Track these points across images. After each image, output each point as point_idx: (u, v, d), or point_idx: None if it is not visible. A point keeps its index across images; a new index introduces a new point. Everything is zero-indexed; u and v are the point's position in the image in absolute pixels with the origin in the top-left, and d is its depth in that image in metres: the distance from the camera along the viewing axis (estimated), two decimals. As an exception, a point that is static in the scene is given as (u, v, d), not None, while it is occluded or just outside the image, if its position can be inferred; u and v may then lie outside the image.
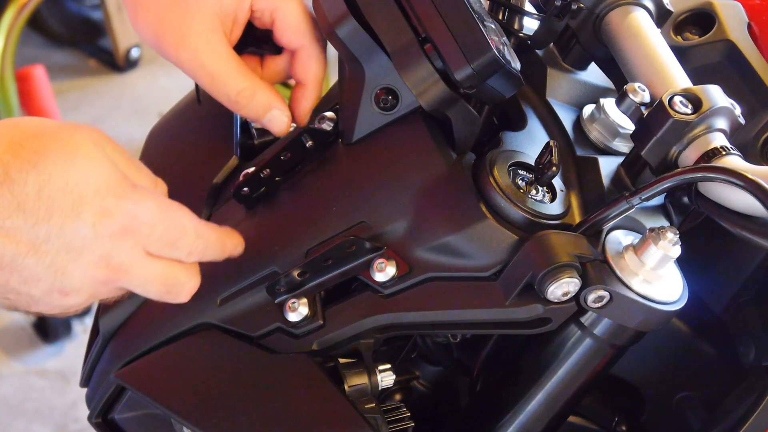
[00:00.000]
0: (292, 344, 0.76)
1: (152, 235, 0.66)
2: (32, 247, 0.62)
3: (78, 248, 0.63)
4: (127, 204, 0.65)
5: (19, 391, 2.40)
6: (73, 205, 0.62)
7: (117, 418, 0.85)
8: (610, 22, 0.83)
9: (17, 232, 0.61)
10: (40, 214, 0.61)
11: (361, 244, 0.74)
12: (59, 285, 0.65)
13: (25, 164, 0.61)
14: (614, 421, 0.94)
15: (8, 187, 0.60)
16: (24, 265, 0.62)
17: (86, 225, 0.63)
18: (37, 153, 0.61)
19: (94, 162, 0.63)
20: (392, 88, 0.76)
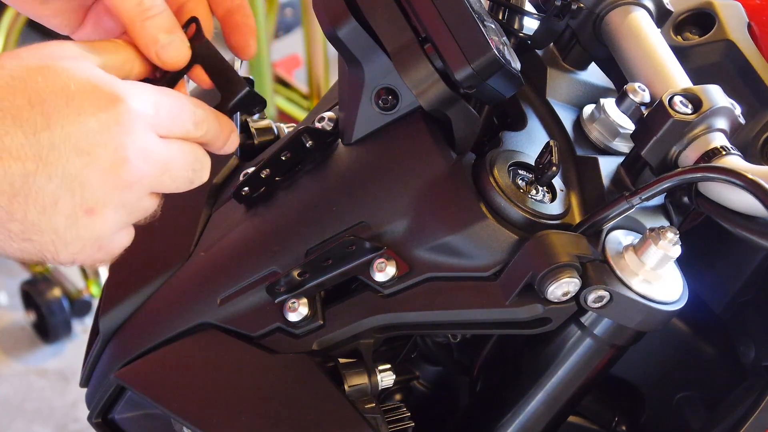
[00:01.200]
0: (292, 344, 0.76)
1: (157, 113, 0.64)
2: (39, 161, 0.58)
3: (87, 147, 0.60)
4: (123, 88, 0.62)
5: (19, 391, 2.40)
6: (68, 104, 0.59)
7: (117, 418, 0.85)
8: (610, 22, 0.83)
9: (20, 148, 0.58)
10: (37, 121, 0.58)
11: (361, 244, 0.74)
12: (80, 200, 0.61)
13: (10, 81, 0.59)
14: (614, 421, 0.94)
15: (5, 93, 0.58)
16: (37, 186, 0.59)
17: (89, 119, 0.60)
18: (20, 69, 0.59)
19: (76, 63, 0.61)
20: (392, 88, 0.76)
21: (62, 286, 2.48)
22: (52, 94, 0.59)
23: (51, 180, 0.59)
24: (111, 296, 0.84)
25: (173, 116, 0.65)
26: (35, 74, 0.60)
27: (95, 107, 0.60)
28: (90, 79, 0.61)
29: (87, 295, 2.50)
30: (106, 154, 0.61)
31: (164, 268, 0.82)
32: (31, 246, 0.62)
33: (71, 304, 2.48)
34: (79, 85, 0.60)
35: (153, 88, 0.65)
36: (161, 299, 0.81)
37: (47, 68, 0.60)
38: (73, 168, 0.60)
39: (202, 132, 0.68)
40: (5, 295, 2.66)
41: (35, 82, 0.59)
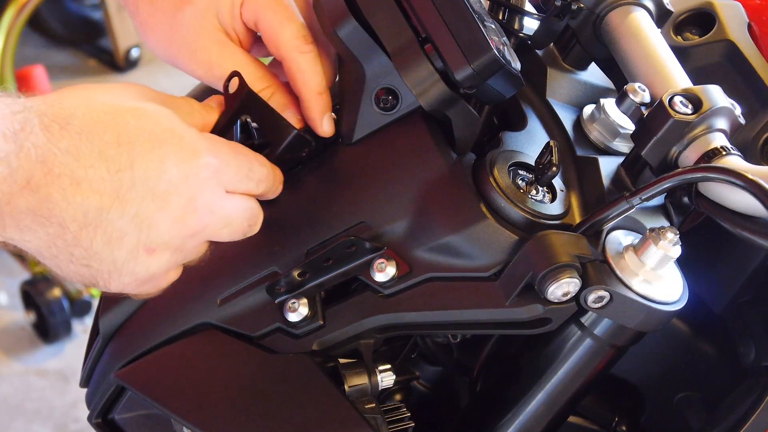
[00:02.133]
0: (292, 344, 0.76)
1: (230, 170, 0.67)
2: (116, 198, 0.61)
3: (164, 193, 0.63)
4: (204, 142, 0.66)
5: (19, 391, 2.40)
6: (153, 147, 0.62)
7: (117, 418, 0.85)
8: (610, 22, 0.83)
9: (101, 183, 0.60)
10: (122, 160, 0.61)
11: (361, 245, 0.74)
12: (145, 240, 0.64)
13: (101, 116, 0.61)
14: (614, 421, 0.94)
15: (87, 136, 0.60)
16: (108, 220, 0.61)
17: (171, 167, 0.63)
18: (110, 106, 0.63)
19: (163, 112, 0.65)
20: (392, 88, 0.76)
21: (62, 286, 2.48)
22: (140, 137, 0.62)
23: (123, 217, 0.62)
24: (111, 296, 0.84)
25: (242, 175, 0.69)
26: (127, 114, 0.63)
27: (178, 158, 0.64)
28: (175, 129, 0.65)
29: (87, 295, 2.50)
30: (179, 202, 0.64)
31: (164, 268, 0.82)
32: (87, 271, 0.64)
33: (71, 304, 2.48)
34: (167, 133, 0.64)
35: (228, 145, 0.69)
36: (161, 299, 0.81)
37: (138, 110, 0.64)
38: (146, 210, 0.63)
39: (262, 190, 0.72)
40: (5, 295, 2.66)
41: (126, 122, 0.62)
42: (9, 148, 0.57)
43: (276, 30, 0.77)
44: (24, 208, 0.59)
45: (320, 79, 0.78)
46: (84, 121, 0.61)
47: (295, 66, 0.77)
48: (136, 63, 3.63)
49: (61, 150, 0.59)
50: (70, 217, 0.60)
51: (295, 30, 0.77)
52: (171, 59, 0.81)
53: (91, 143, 0.60)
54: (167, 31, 0.79)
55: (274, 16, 0.77)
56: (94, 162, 0.60)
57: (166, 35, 0.79)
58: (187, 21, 0.78)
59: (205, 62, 0.79)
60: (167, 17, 0.79)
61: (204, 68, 0.79)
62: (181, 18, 0.78)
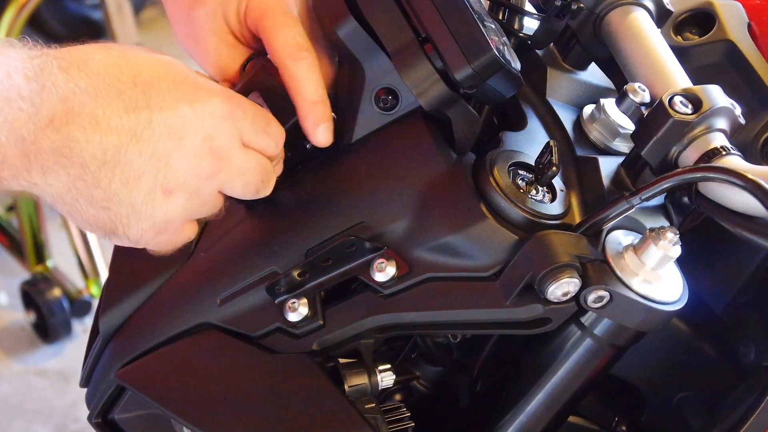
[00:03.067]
0: (292, 344, 0.76)
1: (247, 119, 0.68)
2: (134, 136, 0.63)
3: (180, 131, 0.64)
4: (222, 89, 0.68)
5: (19, 391, 2.40)
6: (168, 89, 0.64)
7: (117, 418, 0.85)
8: (610, 22, 0.83)
9: (118, 121, 0.62)
10: (139, 99, 0.63)
11: (361, 245, 0.74)
12: (162, 179, 0.65)
13: (117, 59, 0.63)
14: (614, 421, 0.94)
15: (105, 77, 0.62)
16: (127, 159, 0.63)
17: (186, 106, 0.64)
18: (126, 52, 0.65)
19: (179, 63, 0.67)
20: (392, 88, 0.76)
21: (62, 286, 2.48)
22: (156, 78, 0.65)
23: (140, 155, 0.64)
24: (111, 296, 0.84)
25: (259, 128, 0.70)
26: (143, 61, 0.65)
27: (193, 98, 0.66)
28: (191, 75, 0.67)
29: (87, 295, 2.50)
30: (195, 141, 0.66)
31: (164, 268, 0.82)
32: (106, 215, 0.66)
33: (71, 304, 2.48)
34: (183, 77, 0.66)
35: (247, 100, 0.70)
36: (161, 299, 0.81)
37: (154, 59, 0.67)
38: (163, 148, 0.64)
39: (276, 151, 0.73)
40: (5, 295, 2.66)
41: (141, 66, 0.65)
42: (32, 87, 0.60)
43: (271, 36, 0.76)
44: (47, 148, 0.61)
45: (314, 87, 0.75)
46: (101, 64, 0.63)
47: (288, 73, 0.75)
48: (136, 63, 3.63)
49: (80, 89, 0.61)
50: (90, 156, 0.62)
51: (289, 37, 0.76)
52: (189, 53, 0.83)
53: (109, 83, 0.62)
54: (185, 26, 0.81)
55: (271, 22, 0.76)
56: (111, 101, 0.62)
57: (183, 31, 0.81)
58: (200, 20, 0.79)
59: (216, 62, 0.80)
60: (184, 13, 0.80)
61: (215, 68, 0.80)
62: (194, 17, 0.79)
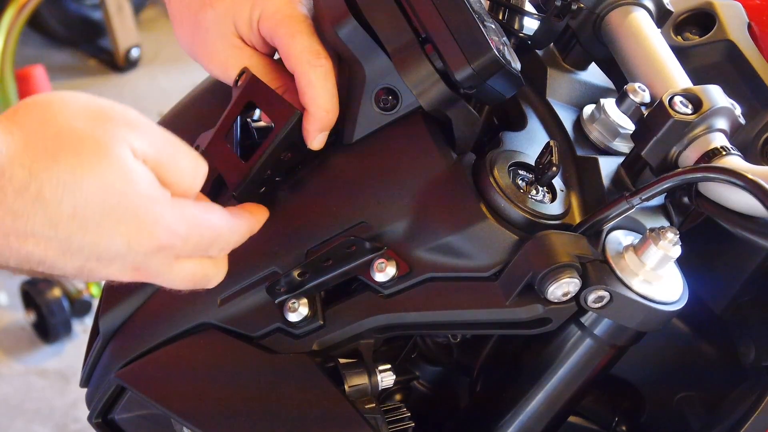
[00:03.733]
0: (292, 344, 0.76)
1: (186, 246, 0.66)
2: (62, 253, 0.61)
3: (109, 259, 0.63)
4: (163, 222, 0.63)
5: (19, 391, 2.40)
6: (108, 223, 0.61)
7: (117, 418, 0.85)
8: (610, 22, 0.83)
9: (47, 243, 0.60)
10: (73, 229, 0.60)
11: (361, 245, 0.74)
12: (87, 276, 0.64)
13: (60, 183, 0.59)
14: (614, 421, 0.94)
15: (42, 206, 0.58)
16: (53, 265, 0.62)
17: (121, 242, 0.62)
18: (74, 168, 0.59)
19: (128, 175, 0.61)
20: (392, 88, 0.76)
21: (62, 286, 2.48)
22: (98, 209, 0.60)
23: (66, 265, 0.62)
24: (111, 296, 0.84)
25: (201, 248, 0.68)
26: (90, 182, 0.59)
27: (131, 236, 0.62)
28: (139, 206, 0.62)
29: (87, 295, 2.50)
30: (123, 265, 0.64)
31: (164, 268, 0.82)
32: (34, 273, 0.65)
33: (71, 304, 2.48)
34: (127, 210, 0.61)
35: (194, 217, 0.66)
36: (161, 299, 0.81)
37: (104, 179, 0.60)
38: (90, 265, 0.63)
39: (222, 254, 0.71)
40: (5, 295, 2.66)
41: (85, 193, 0.59)
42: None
43: (289, 43, 0.77)
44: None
45: (329, 96, 0.76)
46: (41, 189, 0.58)
47: (305, 80, 0.76)
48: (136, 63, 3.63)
49: (11, 213, 0.58)
50: (12, 258, 0.61)
51: (307, 43, 0.76)
52: (193, 54, 0.82)
53: (45, 213, 0.59)
54: (191, 28, 0.81)
55: (288, 29, 0.77)
56: (44, 229, 0.59)
57: (189, 32, 0.81)
58: (207, 23, 0.79)
59: (222, 64, 0.80)
60: (191, 14, 0.80)
61: (221, 69, 0.80)
62: (202, 19, 0.80)
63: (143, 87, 3.57)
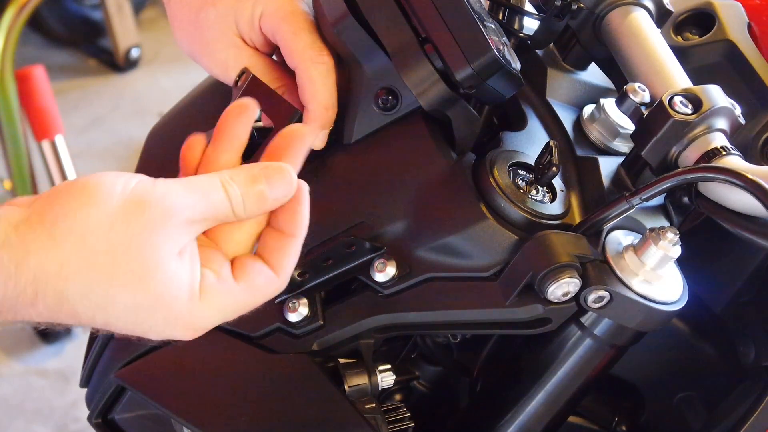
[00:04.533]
0: (292, 344, 0.76)
1: (224, 318, 0.63)
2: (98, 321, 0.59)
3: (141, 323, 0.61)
4: (198, 322, 0.61)
5: (19, 391, 2.40)
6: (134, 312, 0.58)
7: (117, 418, 0.85)
8: (610, 22, 0.83)
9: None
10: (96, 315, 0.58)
11: (361, 245, 0.74)
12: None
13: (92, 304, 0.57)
14: (614, 421, 0.94)
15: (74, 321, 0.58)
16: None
17: (157, 334, 0.61)
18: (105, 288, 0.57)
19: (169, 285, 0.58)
20: (392, 88, 0.76)
21: (62, 286, 2.47)
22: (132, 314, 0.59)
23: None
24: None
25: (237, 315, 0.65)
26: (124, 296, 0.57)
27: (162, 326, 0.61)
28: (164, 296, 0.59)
29: (87, 295, 2.50)
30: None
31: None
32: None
33: (71, 304, 2.48)
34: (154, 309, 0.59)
35: (232, 308, 0.63)
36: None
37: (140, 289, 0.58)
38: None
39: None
40: (5, 295, 2.66)
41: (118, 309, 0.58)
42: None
43: (292, 39, 0.77)
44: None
45: (330, 93, 0.77)
46: (74, 310, 0.57)
47: (307, 76, 0.77)
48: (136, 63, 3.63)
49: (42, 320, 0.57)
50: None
51: (310, 41, 0.77)
52: (192, 55, 0.82)
53: (77, 321, 0.58)
54: (191, 28, 0.81)
55: (291, 26, 0.77)
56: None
57: (189, 32, 0.81)
58: (208, 22, 0.79)
59: (223, 63, 0.80)
60: (192, 14, 0.80)
61: (221, 68, 0.80)
62: (204, 18, 0.79)
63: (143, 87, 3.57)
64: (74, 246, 0.56)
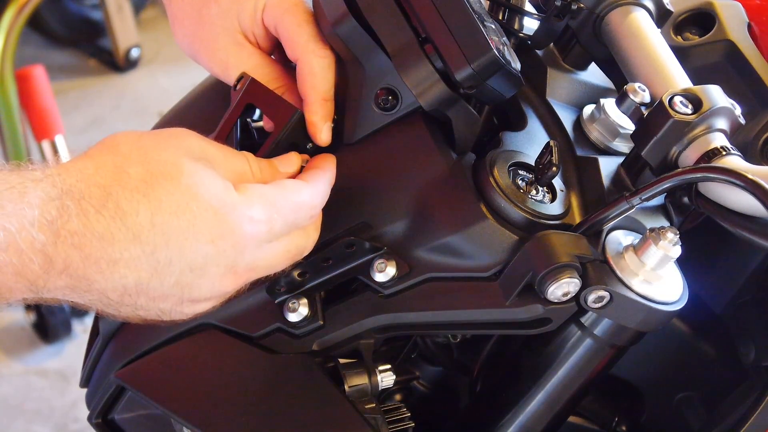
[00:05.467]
0: (292, 344, 0.76)
1: (272, 229, 0.67)
2: (154, 272, 0.62)
3: (201, 265, 0.64)
4: (241, 211, 0.65)
5: (19, 391, 2.40)
6: (188, 227, 0.62)
7: (117, 418, 0.85)
8: (610, 22, 0.83)
9: (137, 262, 0.61)
10: (156, 241, 0.61)
11: (361, 245, 0.74)
12: (188, 297, 0.65)
13: (135, 194, 0.61)
14: (614, 421, 0.94)
15: (121, 220, 0.60)
16: (150, 287, 0.63)
17: (205, 243, 0.63)
18: (144, 181, 0.61)
19: (198, 179, 0.64)
20: (392, 88, 0.76)
21: (62, 286, 2.47)
22: (174, 216, 0.62)
23: (163, 285, 0.63)
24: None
25: (288, 225, 0.69)
26: (160, 190, 0.62)
27: (214, 234, 0.64)
28: (211, 201, 0.64)
29: (87, 296, 2.50)
30: (218, 271, 0.65)
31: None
32: (137, 317, 0.67)
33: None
34: (203, 208, 0.63)
35: (270, 202, 0.67)
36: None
37: (172, 184, 0.63)
38: (185, 279, 0.64)
39: (311, 221, 0.72)
40: (5, 295, 2.66)
41: (159, 199, 0.62)
42: (45, 239, 0.58)
43: (295, 31, 0.78)
44: (62, 285, 0.60)
45: (329, 86, 0.78)
46: (118, 203, 0.60)
47: (308, 68, 0.77)
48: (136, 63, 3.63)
49: (96, 236, 0.59)
50: (110, 290, 0.62)
51: (313, 33, 0.78)
52: (193, 54, 0.82)
53: (126, 226, 0.60)
54: (192, 26, 0.81)
55: (294, 18, 0.78)
56: (128, 245, 0.60)
57: (190, 31, 0.81)
58: (211, 18, 0.80)
59: (223, 61, 0.80)
60: (194, 12, 0.80)
61: (221, 67, 0.80)
62: (206, 15, 0.80)
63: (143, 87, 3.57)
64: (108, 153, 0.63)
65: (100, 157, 0.63)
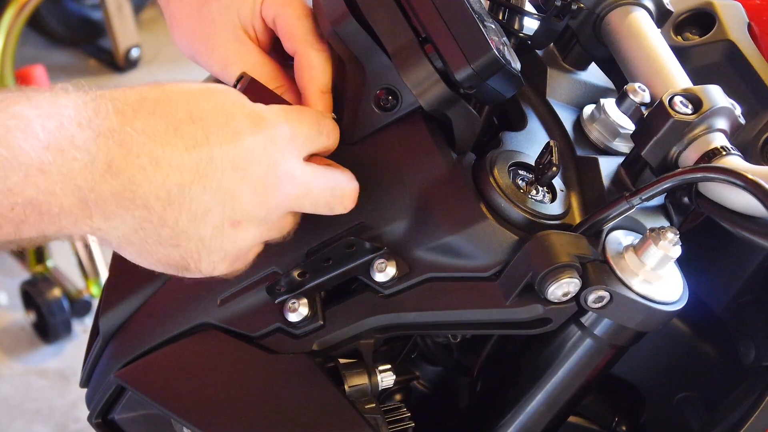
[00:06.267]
0: (292, 344, 0.76)
1: (302, 132, 0.68)
2: (197, 173, 0.62)
3: (243, 163, 0.64)
4: (276, 114, 0.66)
5: (19, 391, 2.40)
6: (226, 121, 0.63)
7: (117, 418, 0.85)
8: (610, 22, 0.83)
9: (179, 159, 0.61)
10: (197, 135, 0.62)
11: (361, 245, 0.74)
12: (230, 212, 0.64)
13: (172, 96, 0.62)
14: (614, 421, 0.94)
15: (160, 116, 0.61)
16: (192, 196, 0.62)
17: (246, 137, 0.64)
18: (184, 90, 0.63)
19: (231, 91, 0.66)
20: (392, 88, 0.76)
21: (62, 286, 2.48)
22: (212, 112, 0.63)
23: (205, 191, 0.63)
24: (111, 296, 0.84)
25: (314, 132, 0.70)
26: (196, 93, 0.64)
27: (253, 128, 0.64)
28: (246, 104, 0.66)
29: (87, 295, 2.50)
30: (259, 170, 0.65)
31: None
32: (177, 252, 0.65)
33: (71, 304, 2.48)
34: (239, 107, 0.65)
35: (294, 109, 0.70)
36: (161, 299, 0.81)
37: (208, 91, 0.65)
38: (227, 182, 0.63)
39: (332, 142, 0.74)
40: (5, 295, 2.66)
41: (196, 100, 0.63)
42: (86, 135, 0.58)
43: (293, 24, 0.78)
44: (108, 194, 0.59)
45: (327, 79, 0.78)
46: (156, 102, 0.61)
47: (307, 61, 0.78)
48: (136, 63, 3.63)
49: (137, 131, 0.60)
50: (153, 197, 0.61)
51: (312, 26, 0.78)
52: (192, 54, 0.82)
53: (165, 122, 0.61)
54: (191, 25, 0.81)
55: (294, 11, 0.78)
56: (170, 140, 0.61)
57: (190, 29, 0.81)
58: (211, 15, 0.80)
59: (222, 59, 0.80)
60: (193, 10, 0.81)
61: (220, 65, 0.80)
62: (205, 12, 0.80)
63: (143, 87, 3.57)
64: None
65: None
